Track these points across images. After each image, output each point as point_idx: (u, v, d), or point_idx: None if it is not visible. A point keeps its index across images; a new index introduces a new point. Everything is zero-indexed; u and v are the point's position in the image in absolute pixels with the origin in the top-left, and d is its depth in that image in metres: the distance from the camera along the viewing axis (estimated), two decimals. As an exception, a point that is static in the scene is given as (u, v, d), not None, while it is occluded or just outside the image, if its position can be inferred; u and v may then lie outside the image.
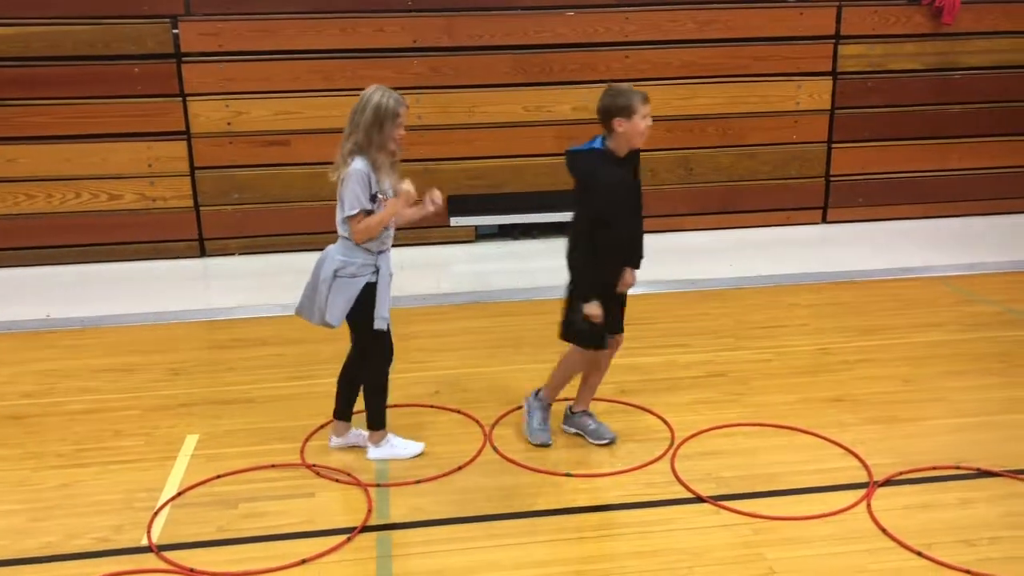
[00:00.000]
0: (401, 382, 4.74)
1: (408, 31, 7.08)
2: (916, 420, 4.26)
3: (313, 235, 6.67)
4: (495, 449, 4.03)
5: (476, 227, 7.52)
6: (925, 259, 6.54)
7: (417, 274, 6.61)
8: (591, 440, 4.08)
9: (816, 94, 7.56)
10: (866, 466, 3.81)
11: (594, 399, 4.24)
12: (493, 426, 4.25)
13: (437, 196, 3.83)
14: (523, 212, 7.53)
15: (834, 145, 7.67)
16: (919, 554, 3.21)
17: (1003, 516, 3.44)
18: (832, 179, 7.70)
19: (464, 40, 7.15)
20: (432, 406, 4.50)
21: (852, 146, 7.67)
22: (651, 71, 7.37)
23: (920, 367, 4.86)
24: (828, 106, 7.59)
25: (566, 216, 7.30)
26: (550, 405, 4.16)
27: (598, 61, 7.30)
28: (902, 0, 7.53)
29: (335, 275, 3.66)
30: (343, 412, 4.03)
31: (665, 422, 4.24)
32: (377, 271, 3.72)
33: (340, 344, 4.09)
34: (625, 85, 3.80)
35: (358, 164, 3.57)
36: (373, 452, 3.97)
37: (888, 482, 3.69)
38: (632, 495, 3.64)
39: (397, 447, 3.98)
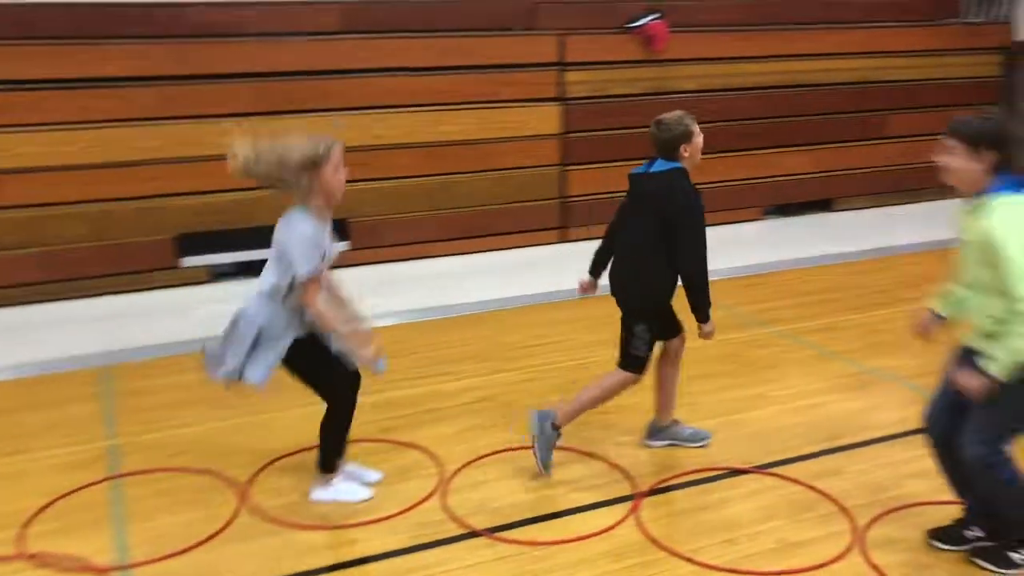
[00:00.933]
0: (137, 446, 4.29)
1: (134, 59, 6.51)
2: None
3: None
4: (253, 508, 3.71)
5: (210, 267, 7.02)
6: (660, 271, 6.92)
7: (145, 322, 6.06)
8: (691, 444, 4.15)
9: (546, 119, 7.82)
10: (630, 477, 3.89)
11: (355, 440, 4.03)
12: (249, 483, 3.91)
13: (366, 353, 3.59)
14: (264, 247, 7.09)
15: (567, 168, 7.96)
16: (689, 560, 3.30)
17: (756, 511, 3.64)
18: (567, 200, 7.99)
19: (190, 68, 6.69)
20: (177, 469, 4.07)
21: (583, 168, 8.00)
22: (389, 97, 7.29)
23: (668, 375, 5.08)
24: (558, 130, 7.87)
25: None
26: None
27: (337, 89, 7.09)
28: (617, 29, 8.00)
29: (258, 336, 3.46)
30: (333, 465, 3.76)
31: (432, 456, 4.11)
32: (304, 326, 3.52)
33: (49, 412, 3.62)
34: (673, 114, 3.85)
35: (306, 226, 3.40)
36: (317, 494, 3.74)
37: (652, 491, 3.79)
38: (408, 539, 3.47)
39: (341, 492, 3.75)
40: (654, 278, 3.87)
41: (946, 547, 3.31)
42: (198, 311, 6.33)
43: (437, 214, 7.57)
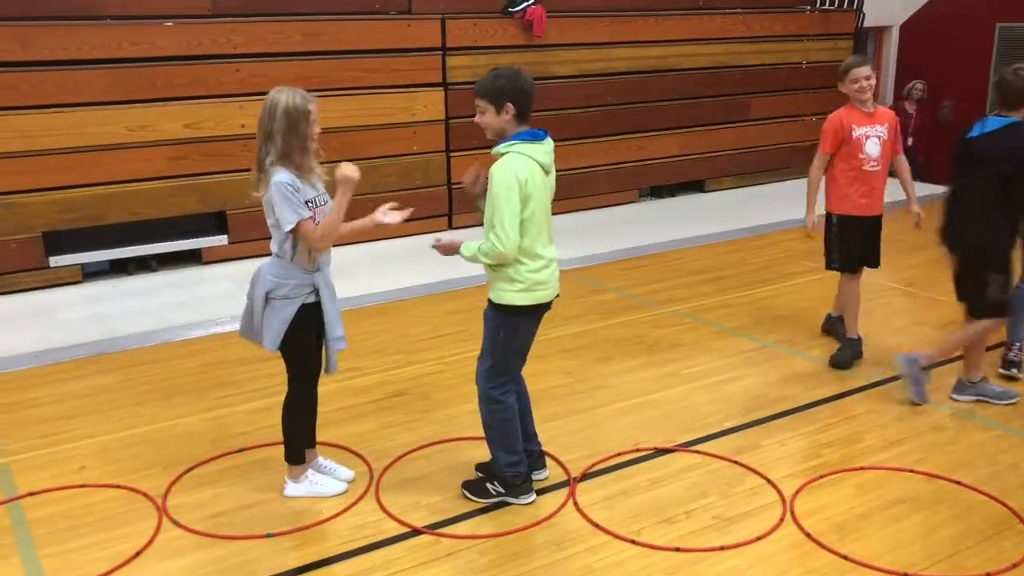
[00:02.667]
0: (31, 463, 3.96)
1: (-30, 43, 5.96)
2: (589, 410, 4.47)
3: None
4: (174, 522, 3.49)
5: (82, 266, 6.56)
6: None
7: (16, 327, 5.60)
8: (997, 402, 4.38)
9: (431, 104, 7.71)
10: (561, 464, 3.90)
11: (275, 443, 3.87)
12: (166, 495, 3.68)
13: (388, 216, 3.62)
14: (137, 243, 6.74)
15: (452, 153, 7.89)
16: (633, 542, 3.34)
17: (688, 488, 3.72)
18: (453, 186, 7.92)
19: (44, 54, 6.18)
20: (81, 486, 3.78)
21: (468, 154, 7.94)
22: (263, 84, 6.96)
23: (576, 358, 5.13)
24: (443, 116, 7.78)
25: (189, 244, 6.85)
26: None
27: (207, 75, 6.74)
28: (499, 14, 7.98)
29: (268, 297, 3.39)
30: (299, 454, 3.65)
31: (358, 455, 3.99)
32: (316, 291, 3.43)
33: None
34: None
35: (280, 176, 3.26)
36: (290, 489, 3.64)
37: (584, 476, 3.82)
38: (347, 542, 3.35)
39: (317, 484, 3.66)
40: (1002, 228, 4.20)
41: None
42: (72, 313, 5.91)
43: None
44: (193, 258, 7.00)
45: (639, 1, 8.91)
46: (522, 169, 3.25)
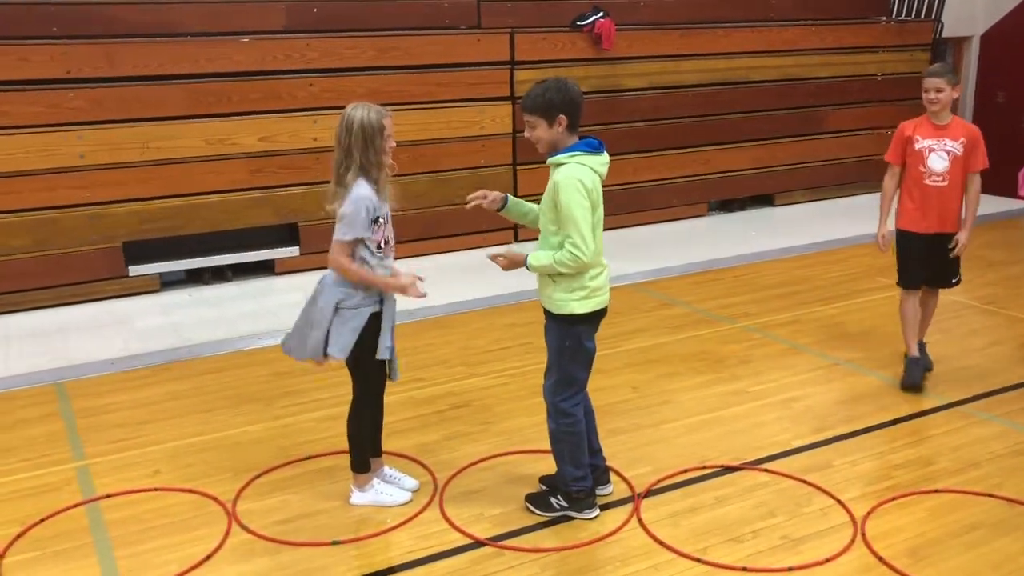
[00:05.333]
0: (108, 466, 4.09)
1: (59, 61, 6.19)
2: (655, 425, 4.42)
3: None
4: (243, 527, 3.56)
5: (160, 275, 6.76)
6: (622, 268, 6.92)
7: (95, 335, 5.79)
8: None
9: (498, 118, 7.76)
10: (626, 480, 3.87)
11: (342, 452, 3.92)
12: (235, 501, 3.76)
13: (411, 290, 3.53)
14: (213, 254, 6.91)
15: (518, 166, 7.92)
16: (698, 560, 3.29)
17: (755, 508, 3.65)
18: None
19: (128, 70, 6.41)
20: (155, 489, 3.88)
21: (534, 167, 7.96)
22: (336, 99, 7.12)
23: (642, 373, 5.09)
24: (510, 129, 7.82)
25: (262, 254, 7.00)
26: None
27: (282, 89, 6.90)
28: (567, 27, 8.00)
29: (337, 308, 3.43)
30: (364, 462, 3.71)
31: (424, 465, 4.02)
32: (381, 300, 3.51)
33: (6, 434, 3.38)
34: None
35: (362, 189, 3.35)
36: (356, 497, 3.70)
37: (649, 492, 3.78)
38: (410, 552, 3.38)
39: (383, 493, 3.71)
40: None
41: None
42: (148, 321, 6.09)
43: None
44: (266, 269, 7.15)
45: (708, 13, 8.84)
46: (586, 177, 3.26)
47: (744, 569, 3.23)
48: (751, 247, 7.75)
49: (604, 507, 3.66)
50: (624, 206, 8.25)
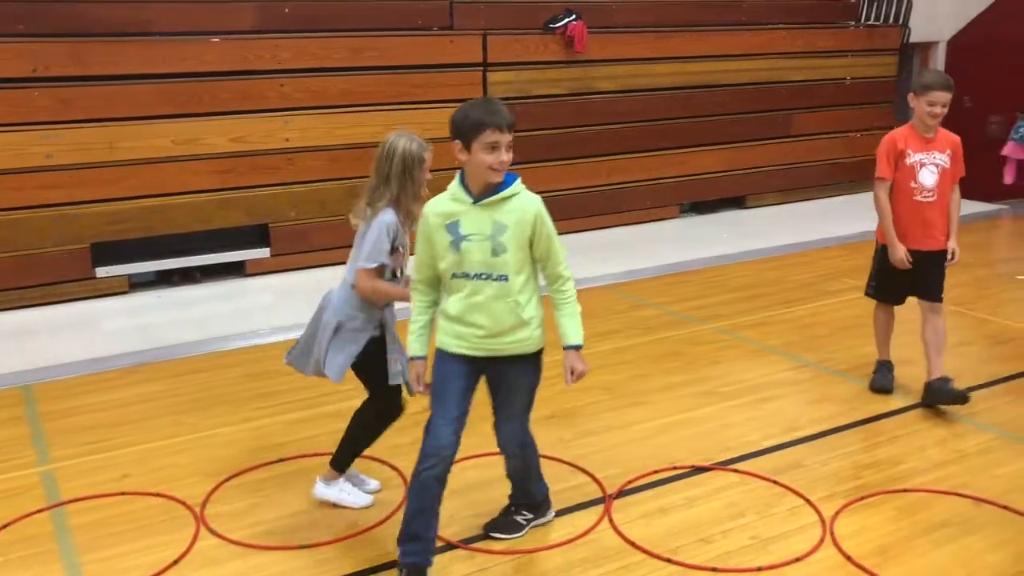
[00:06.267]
0: (74, 470, 4.03)
1: (26, 59, 6.11)
2: (626, 426, 4.44)
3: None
4: (212, 531, 3.53)
5: (128, 276, 6.68)
6: (595, 270, 6.94)
7: (64, 337, 5.72)
8: None
9: (472, 119, 7.74)
10: (597, 481, 3.88)
11: (313, 454, 3.90)
12: (204, 504, 3.72)
13: None
14: (182, 255, 6.85)
15: (492, 168, 7.91)
16: (669, 561, 3.31)
17: (725, 508, 3.67)
18: (493, 200, 7.94)
19: (96, 69, 6.34)
20: (122, 493, 3.84)
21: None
22: (308, 99, 7.09)
23: (614, 374, 5.10)
24: (484, 130, 7.81)
25: (233, 256, 6.95)
26: None
27: (253, 89, 6.85)
28: (540, 30, 8.01)
29: (337, 328, 3.43)
30: (347, 464, 3.70)
31: (395, 468, 4.01)
32: (382, 326, 3.51)
33: None
34: None
35: (388, 216, 3.36)
36: (321, 490, 3.68)
37: (620, 493, 3.79)
38: (381, 555, 3.35)
39: (345, 492, 3.69)
40: None
41: None
42: (117, 323, 6.03)
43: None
44: (236, 270, 7.09)
45: (681, 16, 8.90)
46: None
47: (714, 569, 3.25)
48: (722, 249, 7.80)
49: (577, 508, 3.67)
50: (597, 208, 8.28)
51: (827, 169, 9.80)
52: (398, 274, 3.51)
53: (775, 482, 3.84)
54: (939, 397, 4.48)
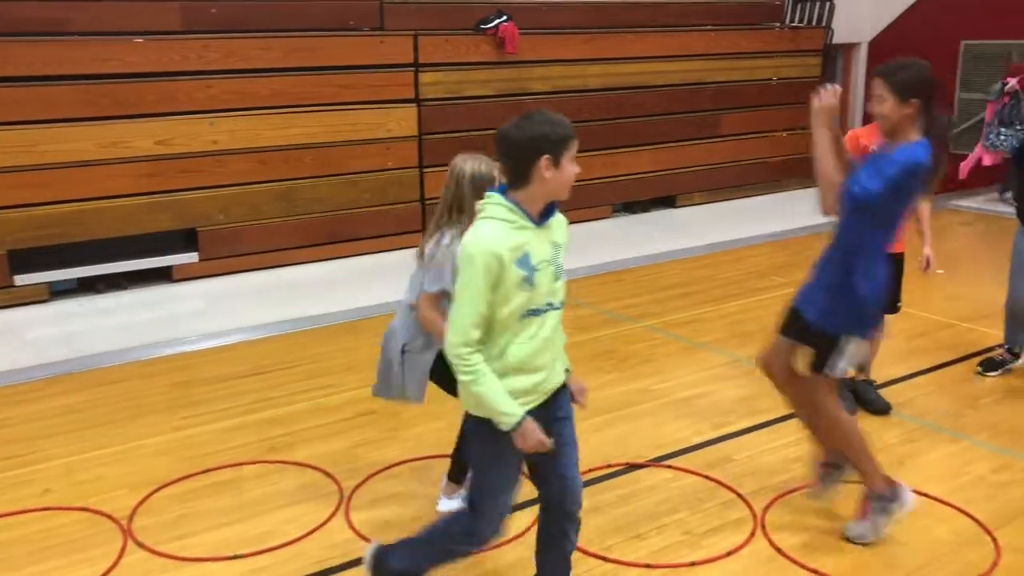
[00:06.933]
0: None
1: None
2: (561, 427, 4.46)
3: None
4: (140, 544, 3.44)
5: (49, 284, 6.48)
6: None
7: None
8: None
9: (404, 121, 7.71)
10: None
11: (244, 463, 3.84)
12: (131, 517, 3.63)
13: None
14: (106, 261, 6.67)
15: (425, 169, 7.89)
16: (604, 559, 3.34)
17: (659, 504, 3.72)
18: (427, 202, 7.92)
19: (12, 70, 6.13)
20: (46, 508, 3.72)
21: (441, 169, 7.93)
22: (236, 101, 6.97)
23: (549, 375, 5.12)
24: (416, 132, 7.78)
25: (159, 261, 6.79)
26: None
27: (179, 91, 6.70)
28: (471, 30, 8.01)
29: (404, 351, 3.41)
30: (457, 474, 3.64)
31: (329, 475, 3.97)
32: None
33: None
34: None
35: (455, 242, 3.19)
36: (444, 505, 3.65)
37: (556, 493, 3.81)
38: (316, 563, 3.32)
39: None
40: None
41: None
42: (38, 332, 5.85)
43: (294, 220, 7.31)
44: (163, 276, 6.93)
45: (612, 18, 8.99)
46: None
47: (648, 566, 3.30)
48: (653, 248, 7.90)
49: (514, 509, 3.66)
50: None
51: (754, 168, 10.00)
52: None
53: (707, 477, 3.91)
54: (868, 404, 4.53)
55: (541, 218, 2.64)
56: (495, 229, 2.56)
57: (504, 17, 8.06)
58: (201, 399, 4.81)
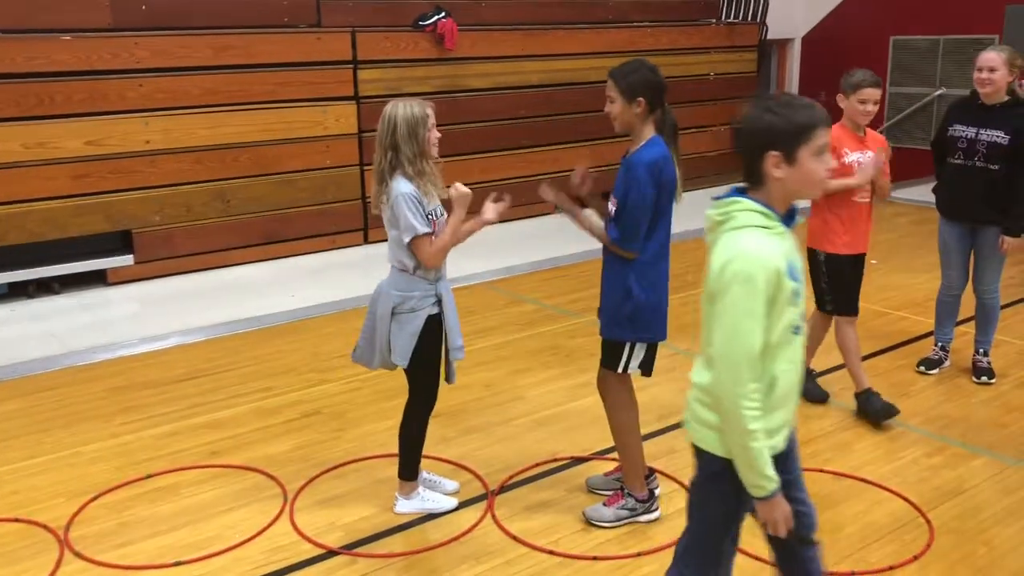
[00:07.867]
0: (-75, 499, 3.77)
1: None
2: (507, 422, 4.47)
3: None
4: (77, 554, 3.36)
5: (-25, 290, 6.30)
6: (471, 267, 6.94)
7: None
8: None
9: (342, 118, 7.64)
10: (480, 477, 3.90)
11: (184, 468, 3.77)
12: (68, 527, 3.54)
13: (492, 210, 3.58)
14: (37, 265, 6.49)
15: (365, 167, 7.83)
16: (551, 552, 3.35)
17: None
18: (367, 200, 7.86)
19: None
20: (-23, 520, 3.61)
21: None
22: (169, 100, 6.84)
23: (493, 370, 5.14)
24: (355, 129, 7.72)
25: (93, 264, 6.62)
26: None
27: (109, 90, 6.55)
28: (409, 27, 7.97)
29: (393, 312, 3.36)
30: (415, 469, 3.61)
31: (272, 477, 3.91)
32: (439, 301, 3.43)
33: None
34: None
35: (402, 186, 3.26)
36: (403, 506, 3.62)
37: (503, 489, 3.82)
38: (259, 567, 3.28)
39: (429, 500, 3.63)
40: None
41: None
42: (-34, 340, 5.66)
43: (230, 220, 7.20)
44: (98, 279, 6.77)
45: (549, 15, 9.02)
46: None
47: (595, 558, 3.32)
48: (595, 243, 7.90)
49: (461, 506, 3.68)
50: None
51: (694, 162, 10.10)
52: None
53: (651, 469, 3.94)
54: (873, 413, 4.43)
55: (790, 219, 2.26)
56: (760, 239, 2.15)
57: (442, 13, 8.04)
58: (139, 404, 4.71)
